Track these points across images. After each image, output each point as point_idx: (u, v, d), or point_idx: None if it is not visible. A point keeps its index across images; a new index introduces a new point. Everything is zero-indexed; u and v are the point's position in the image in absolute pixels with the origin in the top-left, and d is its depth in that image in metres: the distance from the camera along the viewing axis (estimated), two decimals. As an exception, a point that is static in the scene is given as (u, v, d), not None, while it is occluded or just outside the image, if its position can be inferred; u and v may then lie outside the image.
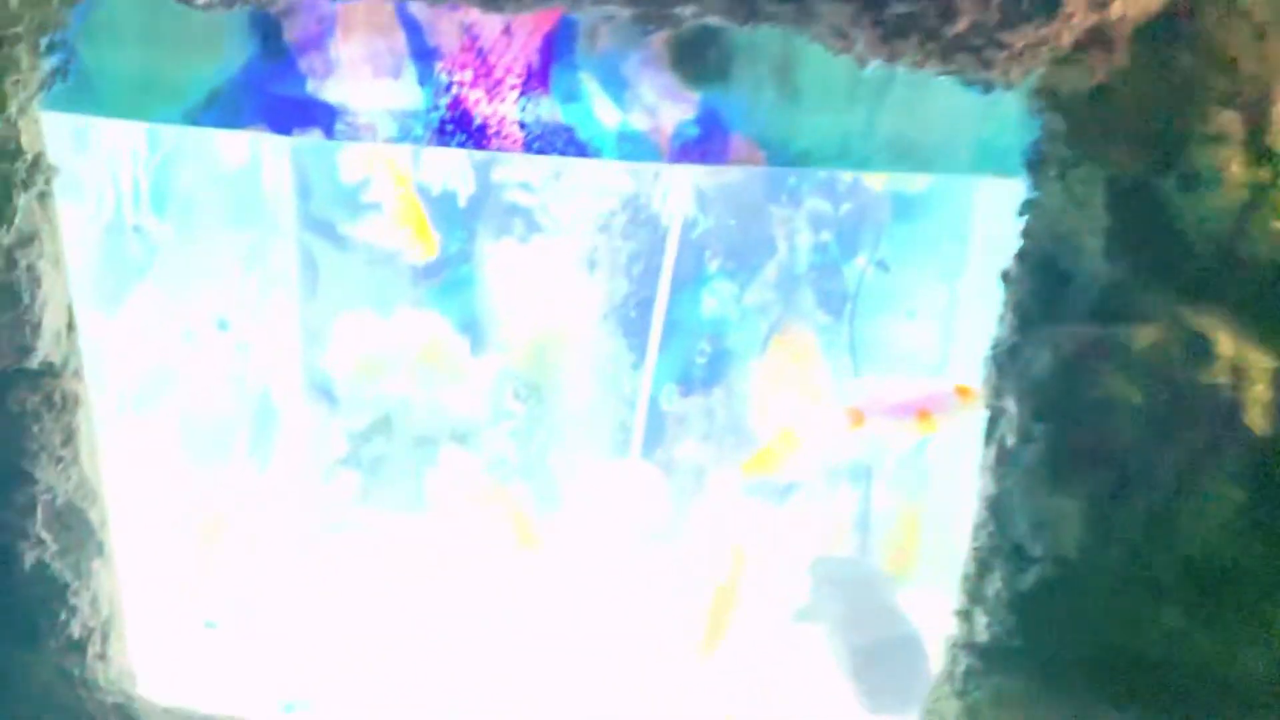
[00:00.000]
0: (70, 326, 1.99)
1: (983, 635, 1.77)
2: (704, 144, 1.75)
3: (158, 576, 2.41)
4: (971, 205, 2.70)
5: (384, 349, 3.06)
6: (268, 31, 1.87)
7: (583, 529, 3.03)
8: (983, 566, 1.74)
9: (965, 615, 1.80)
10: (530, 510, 3.06)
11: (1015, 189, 2.00)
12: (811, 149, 1.67)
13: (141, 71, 1.90)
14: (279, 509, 3.08)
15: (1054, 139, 1.49)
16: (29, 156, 1.84)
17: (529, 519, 3.06)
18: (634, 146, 1.78)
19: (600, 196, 2.86)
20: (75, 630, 2.12)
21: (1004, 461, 1.66)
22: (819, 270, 2.86)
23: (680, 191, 2.80)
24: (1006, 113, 1.62)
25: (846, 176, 2.70)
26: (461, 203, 2.93)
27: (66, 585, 2.07)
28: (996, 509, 1.69)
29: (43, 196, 1.89)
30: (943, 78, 1.53)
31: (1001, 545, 1.70)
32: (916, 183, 2.67)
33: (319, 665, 2.59)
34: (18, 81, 1.79)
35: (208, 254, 2.77)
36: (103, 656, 2.19)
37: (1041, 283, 1.55)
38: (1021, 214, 1.55)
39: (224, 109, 1.88)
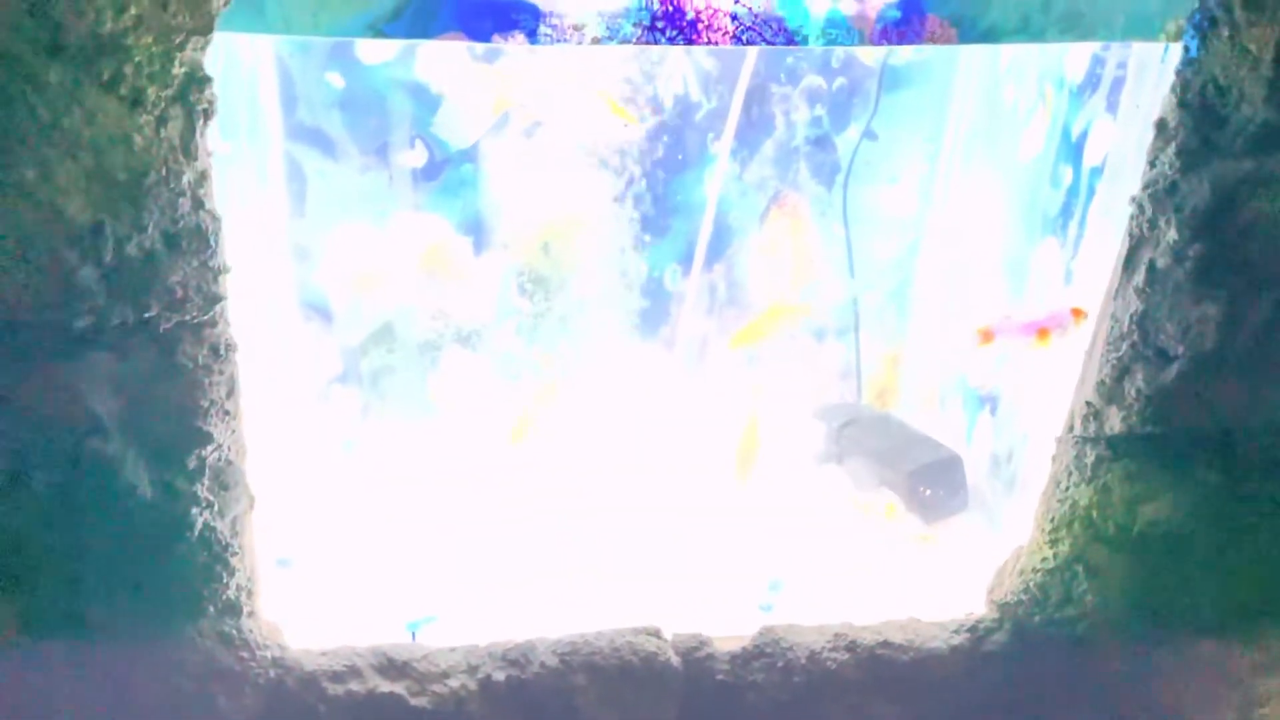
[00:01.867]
0: (226, 268, 1.86)
1: (1117, 428, 2.14)
2: (903, 25, 1.90)
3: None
4: (954, 75, 3.01)
5: (382, 258, 2.94)
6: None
7: (596, 413, 3.15)
8: (1122, 371, 2.10)
9: (1096, 415, 2.17)
10: (540, 402, 3.12)
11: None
12: (997, 24, 1.88)
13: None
14: (282, 435, 2.94)
15: (1226, 7, 1.78)
16: (207, 83, 1.69)
17: (539, 409, 3.12)
18: (839, 31, 1.90)
19: (603, 84, 2.88)
20: (232, 591, 2.06)
21: (1153, 282, 2.01)
22: (813, 144, 3.07)
23: (685, 76, 2.90)
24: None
25: (839, 52, 2.92)
26: (462, 100, 2.84)
27: (227, 546, 2.01)
28: (1141, 321, 2.04)
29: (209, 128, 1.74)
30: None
31: (1144, 351, 2.07)
32: (904, 55, 2.93)
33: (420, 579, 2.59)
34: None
35: (240, 173, 2.54)
36: (253, 614, 2.14)
37: (1198, 128, 1.87)
38: (1182, 70, 1.85)
39: (415, 17, 1.76)
